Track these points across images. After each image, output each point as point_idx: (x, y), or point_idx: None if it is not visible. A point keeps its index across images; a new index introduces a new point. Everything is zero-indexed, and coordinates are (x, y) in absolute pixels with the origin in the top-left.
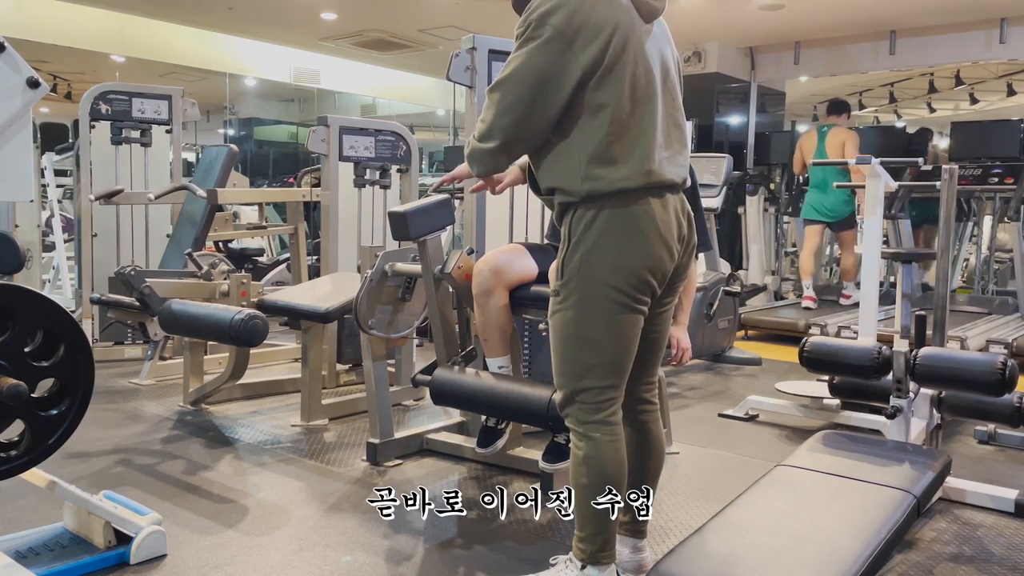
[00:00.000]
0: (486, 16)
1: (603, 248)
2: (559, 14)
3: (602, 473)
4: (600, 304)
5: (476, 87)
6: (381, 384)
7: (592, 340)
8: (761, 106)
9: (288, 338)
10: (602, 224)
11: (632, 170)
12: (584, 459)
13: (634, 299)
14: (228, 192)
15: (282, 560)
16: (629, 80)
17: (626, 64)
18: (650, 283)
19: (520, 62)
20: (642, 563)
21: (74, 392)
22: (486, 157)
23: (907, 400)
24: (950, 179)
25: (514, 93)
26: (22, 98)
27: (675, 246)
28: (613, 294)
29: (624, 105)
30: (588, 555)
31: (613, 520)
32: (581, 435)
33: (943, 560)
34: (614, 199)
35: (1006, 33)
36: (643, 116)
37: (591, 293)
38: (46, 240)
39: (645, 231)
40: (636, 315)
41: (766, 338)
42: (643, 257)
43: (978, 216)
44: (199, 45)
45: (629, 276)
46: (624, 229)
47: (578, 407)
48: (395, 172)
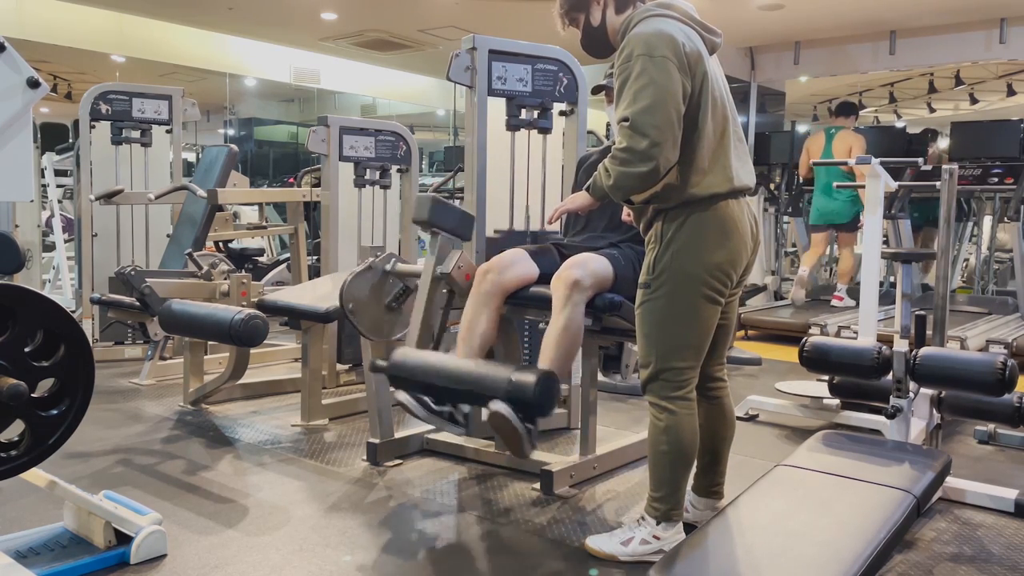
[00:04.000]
0: (486, 16)
1: (693, 247)
2: (665, 46)
3: (680, 442)
4: (688, 296)
5: (476, 87)
6: (381, 384)
7: (678, 327)
8: (761, 106)
9: (288, 338)
10: (693, 225)
11: (719, 177)
12: (665, 429)
13: (717, 291)
14: (228, 192)
15: (282, 560)
16: (711, 102)
17: (710, 89)
18: (732, 276)
19: (654, 89)
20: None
21: (74, 392)
22: (639, 181)
23: (907, 400)
24: (950, 179)
25: (661, 117)
26: (22, 98)
27: (750, 243)
28: (700, 288)
29: (712, 124)
30: (662, 513)
31: (686, 483)
32: (662, 408)
33: (943, 560)
34: (704, 203)
35: (1006, 33)
36: (723, 132)
37: (681, 286)
38: (46, 240)
39: (729, 231)
40: (717, 305)
41: (766, 338)
42: (727, 253)
43: (978, 216)
44: (199, 45)
45: (715, 271)
46: (712, 229)
47: (661, 384)
48: (395, 172)
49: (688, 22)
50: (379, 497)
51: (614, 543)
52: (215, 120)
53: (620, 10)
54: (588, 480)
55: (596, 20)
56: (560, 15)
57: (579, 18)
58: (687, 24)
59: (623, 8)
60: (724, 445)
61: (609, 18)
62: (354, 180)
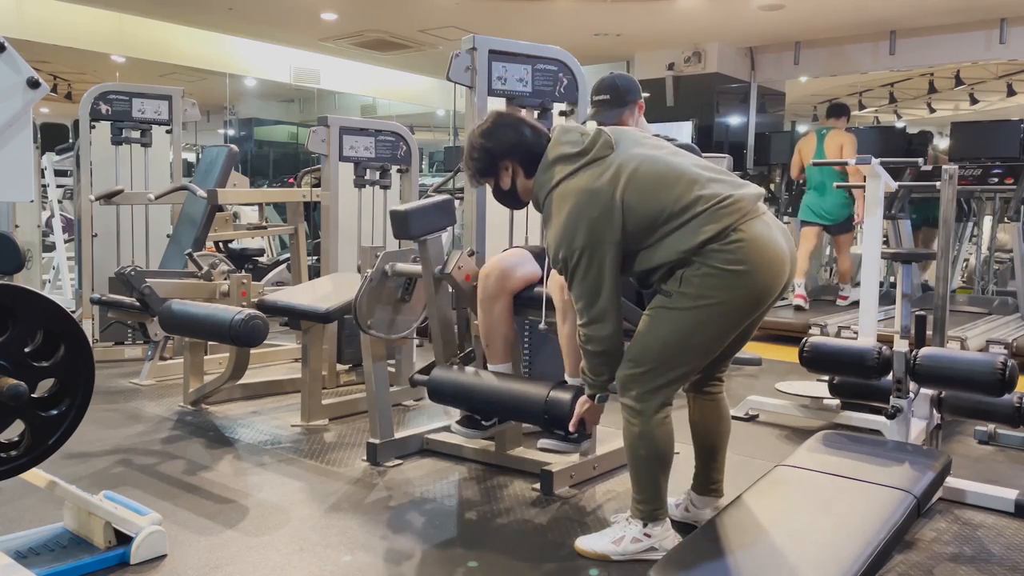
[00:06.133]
0: (486, 16)
1: (726, 276)
2: (583, 228)
3: (655, 446)
4: (706, 320)
5: (476, 87)
6: (381, 384)
7: (684, 344)
8: (761, 106)
9: (288, 338)
10: (724, 257)
11: (712, 214)
12: (640, 435)
13: (742, 318)
14: (228, 192)
15: (282, 560)
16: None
17: (630, 179)
18: (762, 305)
19: (592, 285)
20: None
21: (74, 392)
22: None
23: (907, 400)
24: (950, 179)
25: (604, 302)
26: (22, 98)
27: (787, 263)
28: (722, 316)
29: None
30: (647, 513)
31: (664, 484)
32: (637, 412)
33: (943, 560)
34: (719, 240)
35: (1006, 33)
36: (676, 180)
37: (702, 310)
38: (46, 240)
39: (760, 260)
40: (735, 330)
41: (766, 338)
42: (760, 285)
43: (978, 216)
44: (199, 45)
45: (744, 302)
46: (744, 260)
47: (643, 385)
48: (395, 172)
49: (582, 164)
50: (379, 497)
51: (605, 542)
52: (215, 120)
53: (528, 174)
54: (588, 480)
55: (506, 185)
56: (470, 174)
57: (490, 180)
58: (583, 166)
59: (530, 172)
60: (721, 442)
61: (520, 183)
62: (354, 180)
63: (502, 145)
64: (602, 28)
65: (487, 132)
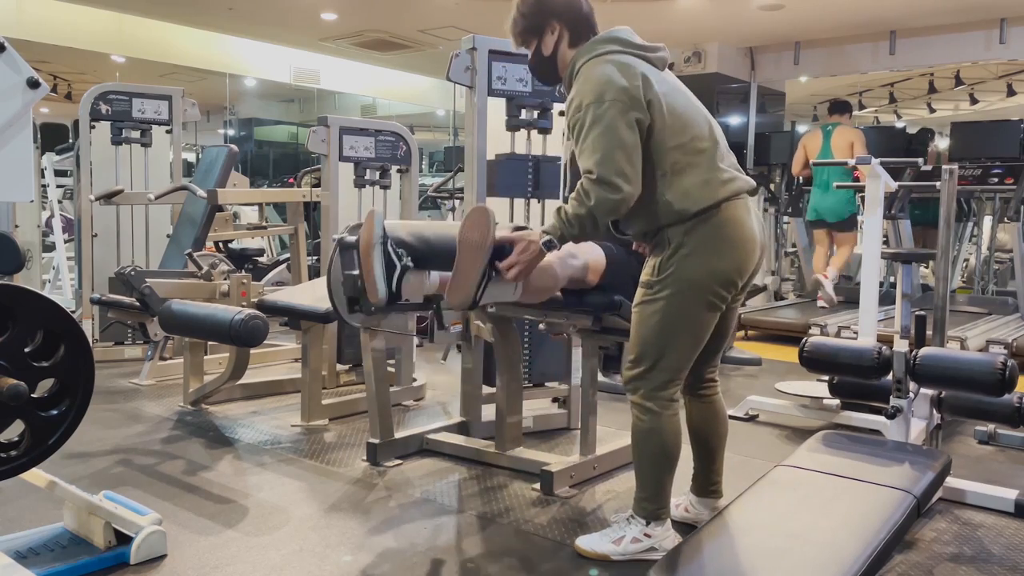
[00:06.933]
0: (486, 16)
1: (701, 254)
2: (611, 91)
3: (663, 443)
4: (689, 302)
5: (476, 87)
6: (381, 384)
7: (675, 330)
8: (761, 106)
9: (288, 338)
10: (700, 233)
11: (711, 185)
12: (648, 431)
13: (720, 298)
14: (228, 192)
15: (282, 560)
16: (672, 120)
17: (667, 110)
18: (737, 284)
19: (607, 136)
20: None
21: (74, 392)
22: (610, 210)
23: (907, 400)
24: (950, 179)
25: (619, 159)
26: (22, 98)
27: (758, 247)
28: (703, 294)
29: (683, 137)
30: (650, 512)
31: (669, 484)
32: (646, 409)
33: (943, 560)
34: (706, 213)
35: (1006, 33)
36: (699, 138)
37: (684, 291)
38: (46, 240)
39: (736, 238)
40: (717, 312)
41: (766, 338)
42: (734, 262)
43: (978, 216)
44: (199, 45)
45: (721, 278)
46: (720, 237)
47: (648, 383)
48: (395, 172)
49: (631, 51)
50: (379, 497)
51: (605, 542)
52: (215, 120)
53: (573, 44)
54: (588, 480)
55: (548, 49)
56: (514, 34)
57: (532, 42)
58: (630, 54)
59: (576, 42)
60: (718, 444)
61: (561, 51)
62: (354, 180)
63: (556, 3)
64: (602, 28)
65: None
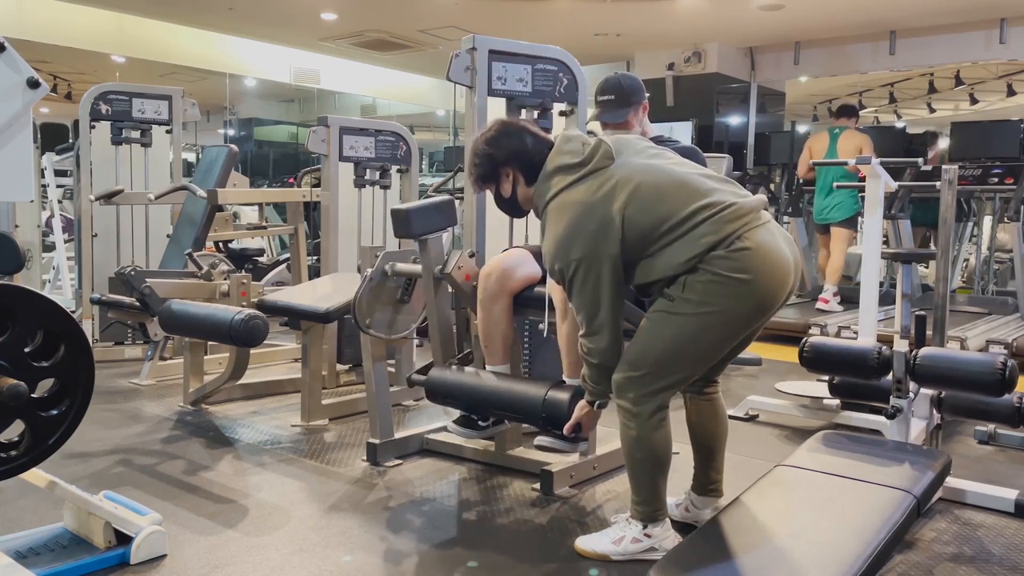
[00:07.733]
0: (486, 16)
1: (729, 285)
2: (580, 240)
3: (653, 449)
4: (707, 327)
5: (476, 87)
6: (381, 384)
7: (684, 349)
8: (761, 106)
9: (288, 338)
10: (725, 267)
11: (713, 223)
12: (637, 439)
13: (743, 327)
14: (228, 192)
15: (282, 560)
16: (644, 199)
17: (632, 195)
18: (765, 315)
19: (591, 297)
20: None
21: (74, 392)
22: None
23: (907, 400)
24: (950, 179)
25: (604, 316)
26: (22, 98)
27: (792, 271)
28: (724, 324)
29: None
30: (646, 515)
31: (663, 485)
32: (633, 415)
33: (943, 560)
34: (722, 248)
35: (1006, 33)
36: (680, 184)
37: (704, 316)
38: (46, 240)
39: (764, 268)
40: (736, 338)
41: (766, 338)
42: (764, 296)
43: (978, 216)
44: (199, 45)
45: (747, 314)
46: (747, 272)
47: (638, 390)
48: (395, 172)
49: (578, 175)
50: (379, 497)
51: (605, 542)
52: (215, 120)
53: (529, 182)
54: (588, 480)
55: (507, 192)
56: (473, 179)
57: (491, 186)
58: (579, 178)
59: (531, 180)
60: (719, 443)
61: (520, 191)
62: (354, 180)
63: (504, 152)
64: (602, 28)
65: (490, 139)
